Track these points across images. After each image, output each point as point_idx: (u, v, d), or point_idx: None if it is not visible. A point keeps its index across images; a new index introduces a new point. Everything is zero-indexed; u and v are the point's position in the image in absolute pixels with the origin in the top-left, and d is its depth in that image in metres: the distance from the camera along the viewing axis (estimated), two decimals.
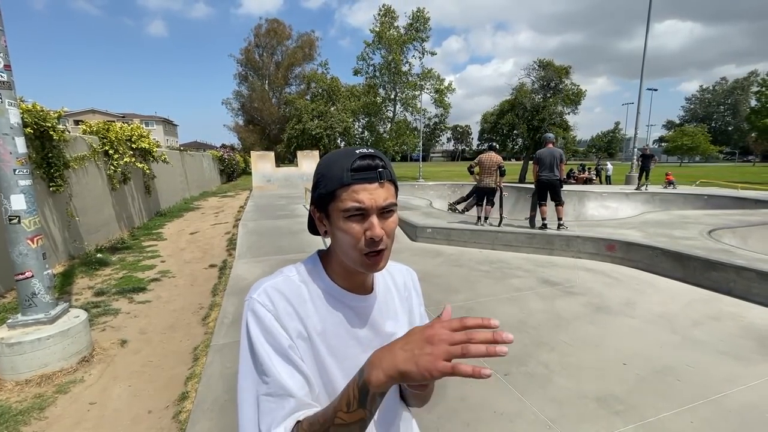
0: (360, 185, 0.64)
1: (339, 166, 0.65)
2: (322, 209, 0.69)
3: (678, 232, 5.98)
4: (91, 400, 2.59)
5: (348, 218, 0.64)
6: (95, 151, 6.78)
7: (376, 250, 0.65)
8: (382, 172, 0.65)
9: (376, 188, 0.65)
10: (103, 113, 48.54)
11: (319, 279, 0.72)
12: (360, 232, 0.64)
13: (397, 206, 0.69)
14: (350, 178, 0.64)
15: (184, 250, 6.81)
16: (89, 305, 4.09)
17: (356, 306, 0.73)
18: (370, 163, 0.65)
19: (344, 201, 0.64)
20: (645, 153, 14.80)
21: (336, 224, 0.66)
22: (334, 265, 0.73)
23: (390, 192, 0.67)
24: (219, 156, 25.60)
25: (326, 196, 0.67)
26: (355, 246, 0.65)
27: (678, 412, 2.29)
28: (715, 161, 69.01)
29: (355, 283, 0.74)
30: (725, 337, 3.22)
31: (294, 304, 0.67)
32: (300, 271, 0.73)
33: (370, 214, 0.64)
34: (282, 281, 0.69)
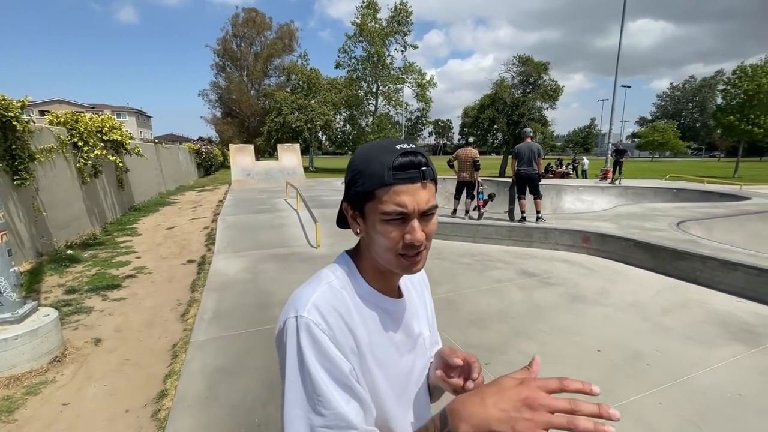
0: (402, 186, 0.58)
1: (379, 163, 0.59)
2: (357, 207, 0.64)
3: (649, 224, 6.23)
4: (64, 401, 2.50)
5: (387, 221, 0.60)
6: (63, 143, 6.47)
7: (413, 253, 0.61)
8: (425, 171, 0.60)
9: (419, 189, 0.59)
10: (70, 104, 46.35)
11: (356, 283, 0.67)
12: (399, 236, 0.60)
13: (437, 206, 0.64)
14: (392, 177, 0.58)
15: (160, 245, 6.62)
16: (60, 304, 3.94)
17: (392, 310, 0.70)
18: (413, 160, 0.59)
19: (384, 203, 0.59)
20: (618, 148, 15.29)
21: (373, 225, 0.62)
22: (366, 266, 0.69)
23: (432, 193, 0.62)
24: (196, 149, 24.87)
25: (364, 195, 0.61)
26: (392, 249, 0.61)
27: (648, 394, 2.41)
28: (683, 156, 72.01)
29: (388, 285, 0.71)
30: (691, 323, 3.39)
31: (345, 318, 0.61)
32: (338, 275, 0.67)
33: (412, 218, 0.59)
34: (328, 291, 0.63)
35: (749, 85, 24.01)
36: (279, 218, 7.97)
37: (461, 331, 3.28)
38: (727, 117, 25.34)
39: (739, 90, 24.88)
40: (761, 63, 24.20)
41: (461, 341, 3.10)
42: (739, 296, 3.96)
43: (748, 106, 24.39)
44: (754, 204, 8.63)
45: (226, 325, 3.38)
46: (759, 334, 3.18)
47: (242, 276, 4.62)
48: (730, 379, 2.55)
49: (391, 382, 0.67)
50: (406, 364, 0.71)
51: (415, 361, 0.73)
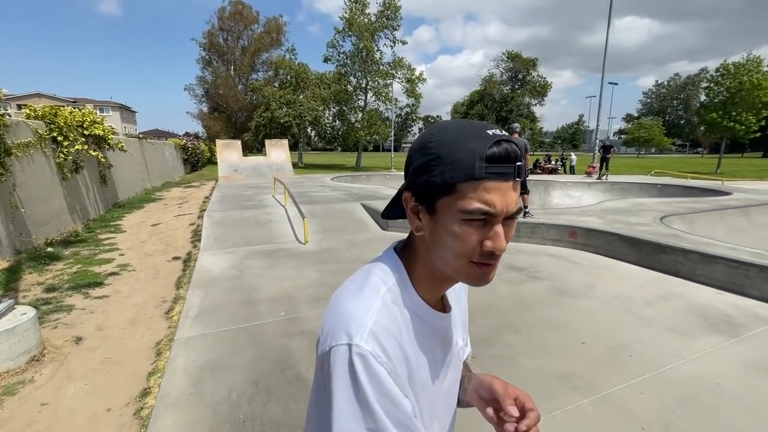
0: (494, 183, 0.49)
1: (468, 150, 0.49)
2: (426, 200, 0.53)
3: (634, 219, 6.33)
4: (43, 401, 2.44)
5: (467, 221, 0.50)
6: (41, 138, 6.29)
7: (491, 262, 0.52)
8: (520, 167, 0.50)
9: (510, 188, 0.50)
10: (50, 97, 45.06)
11: (407, 296, 0.57)
12: (476, 241, 0.51)
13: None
14: (483, 171, 0.48)
15: (145, 242, 6.50)
16: (39, 302, 3.83)
17: (439, 326, 0.62)
18: (509, 151, 0.49)
19: (468, 200, 0.49)
20: (605, 144, 15.51)
21: (445, 224, 0.52)
22: (420, 271, 0.59)
23: (518, 192, 0.52)
24: (182, 145, 24.46)
25: (441, 187, 0.51)
26: (465, 255, 0.52)
27: (630, 384, 2.45)
28: (668, 153, 73.48)
29: (438, 295, 0.62)
30: (672, 315, 3.46)
31: (400, 343, 0.53)
32: (388, 284, 0.57)
33: (497, 222, 0.50)
34: (384, 312, 0.53)
35: (731, 83, 24.55)
36: (266, 214, 7.89)
37: None
38: (710, 114, 25.89)
39: (721, 87, 25.43)
40: (743, 61, 24.75)
41: None
42: (719, 288, 4.06)
43: (731, 104, 24.95)
44: (735, 199, 8.85)
45: (211, 322, 3.34)
46: (737, 325, 3.27)
47: (229, 272, 4.57)
48: (709, 369, 2.62)
49: (429, 403, 0.60)
50: (443, 382, 0.65)
51: (448, 374, 0.67)
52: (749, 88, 23.92)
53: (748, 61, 24.62)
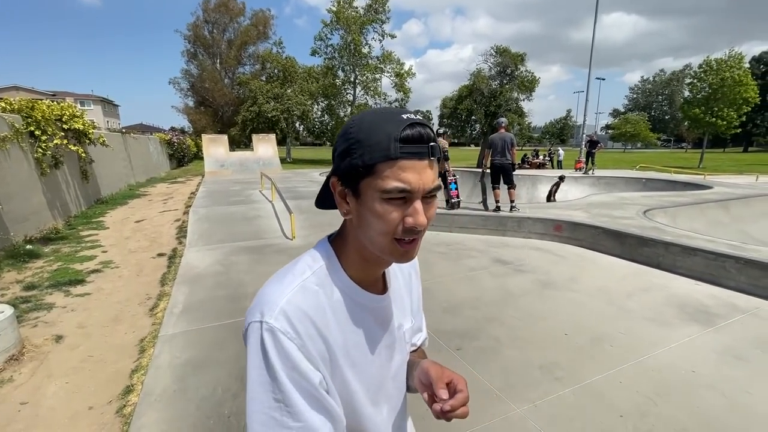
0: (409, 161, 0.52)
1: (383, 133, 0.52)
2: (350, 183, 0.56)
3: (618, 213, 6.45)
4: (22, 400, 2.39)
5: (387, 200, 0.53)
6: (18, 132, 6.09)
7: (411, 238, 0.55)
8: (433, 147, 0.54)
9: (426, 167, 0.53)
10: (28, 90, 43.64)
11: (336, 278, 0.61)
12: (398, 218, 0.54)
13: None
14: (398, 151, 0.51)
15: (128, 239, 6.38)
16: (18, 300, 3.74)
17: (374, 307, 0.64)
18: (422, 133, 0.53)
19: (386, 179, 0.52)
20: (592, 139, 15.73)
21: (368, 204, 0.54)
22: (350, 254, 0.62)
23: (436, 172, 0.55)
24: (167, 139, 23.97)
25: (362, 169, 0.53)
26: (388, 233, 0.55)
27: (610, 374, 2.51)
28: (653, 147, 74.82)
29: (373, 277, 0.65)
30: (652, 306, 3.55)
31: (317, 323, 0.56)
32: (315, 269, 0.60)
33: (415, 199, 0.53)
34: (300, 293, 0.56)
35: (714, 79, 25.08)
36: (253, 210, 7.82)
37: (435, 318, 3.32)
38: (693, 110, 26.44)
39: (704, 83, 25.96)
40: (726, 57, 25.27)
41: (434, 328, 3.14)
42: (697, 280, 4.17)
43: (713, 99, 25.51)
44: (716, 193, 9.08)
45: (196, 318, 3.31)
46: (714, 315, 3.37)
47: (214, 269, 4.52)
48: (686, 357, 2.70)
49: (367, 384, 0.63)
50: (383, 362, 0.67)
51: (394, 356, 0.69)
52: (731, 84, 24.48)
53: (730, 58, 25.17)
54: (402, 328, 0.71)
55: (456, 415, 0.59)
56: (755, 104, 25.97)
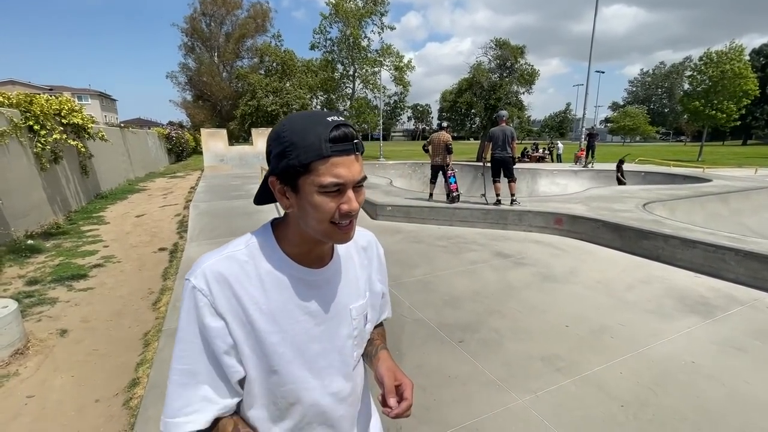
0: (339, 158, 0.60)
1: (315, 135, 0.59)
2: (288, 182, 0.63)
3: (617, 206, 6.47)
4: (29, 394, 2.42)
5: (324, 193, 0.61)
6: (17, 127, 6.06)
7: (346, 222, 0.64)
8: (357, 143, 0.63)
9: (353, 161, 0.62)
10: (25, 85, 43.24)
11: (269, 252, 0.69)
12: (334, 207, 0.62)
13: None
14: (329, 150, 0.59)
15: (129, 233, 6.38)
16: (21, 295, 3.76)
17: (310, 279, 0.71)
18: (346, 132, 0.61)
19: (322, 175, 0.60)
20: (591, 132, 15.72)
21: (307, 198, 0.62)
22: (291, 235, 0.69)
23: (361, 164, 0.65)
24: (166, 134, 23.87)
25: (298, 168, 0.61)
26: (326, 220, 0.63)
27: (610, 365, 2.54)
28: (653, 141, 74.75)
29: (313, 255, 0.71)
30: (652, 298, 3.58)
31: (234, 287, 0.64)
32: (250, 244, 0.69)
33: (347, 189, 0.62)
34: (224, 260, 0.66)
35: (714, 72, 24.97)
36: (253, 204, 7.81)
37: (436, 311, 3.35)
38: (693, 102, 26.35)
39: (704, 76, 25.85)
40: (726, 50, 25.14)
41: (436, 321, 3.16)
42: (697, 272, 4.20)
43: (713, 92, 25.42)
44: (715, 186, 9.09)
45: None
46: (713, 306, 3.40)
47: None
48: (685, 349, 2.73)
49: (299, 350, 0.69)
50: (321, 333, 0.72)
51: (338, 330, 0.74)
52: (731, 76, 24.38)
53: (730, 50, 25.03)
54: (349, 304, 0.76)
55: (402, 416, 0.73)
56: (755, 97, 25.91)
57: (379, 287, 0.87)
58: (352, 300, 0.77)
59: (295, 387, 0.70)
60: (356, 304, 0.77)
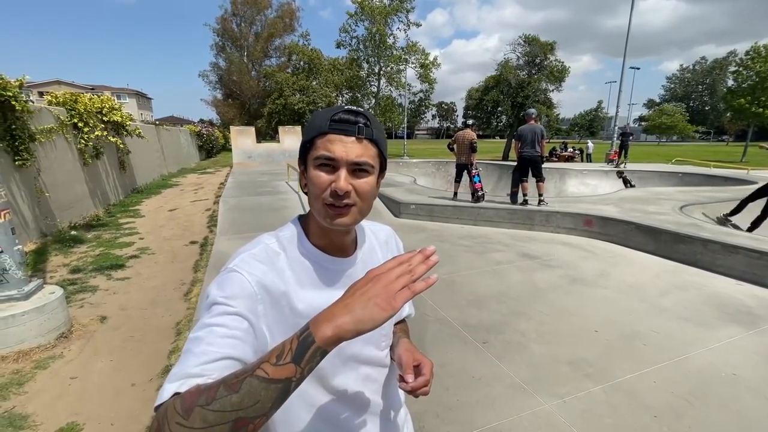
0: (336, 135, 0.64)
1: (323, 117, 0.65)
2: (303, 160, 0.69)
3: (652, 208, 6.19)
4: (72, 375, 2.57)
5: (317, 167, 0.65)
6: (63, 124, 6.44)
7: (339, 204, 0.64)
8: (361, 127, 0.64)
9: (353, 142, 0.64)
10: (69, 84, 45.77)
11: (298, 243, 0.72)
12: (326, 183, 0.64)
13: (375, 170, 0.67)
14: (328, 127, 0.64)
15: (163, 227, 6.66)
16: (65, 282, 4.00)
17: (336, 268, 0.73)
18: (351, 117, 0.64)
19: (317, 149, 0.64)
20: (624, 132, 15.10)
21: (309, 173, 0.67)
22: (312, 225, 0.72)
23: (368, 151, 0.65)
24: (197, 131, 24.71)
25: (306, 144, 0.67)
26: (319, 196, 0.65)
27: (643, 373, 2.45)
28: (691, 140, 70.94)
29: (335, 244, 0.73)
30: (689, 305, 3.41)
31: (268, 275, 0.66)
32: (279, 237, 0.72)
33: (340, 167, 0.64)
34: (259, 253, 0.68)
35: (762, 67, 23.41)
36: (280, 200, 7.98)
37: (460, 311, 3.32)
38: (738, 99, 24.82)
39: (751, 72, 24.27)
40: None
41: (460, 321, 3.14)
42: (738, 279, 3.97)
43: (760, 89, 23.84)
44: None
45: None
46: (757, 316, 3.20)
47: None
48: (726, 360, 2.59)
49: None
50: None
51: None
52: None
53: None
54: None
55: (419, 393, 0.72)
56: None
57: None
58: None
59: (323, 375, 0.71)
60: None
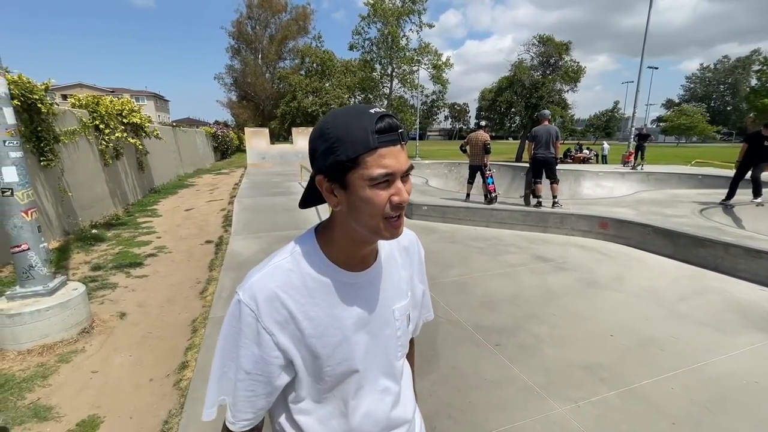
0: (386, 149, 0.59)
1: (360, 128, 0.58)
2: (337, 179, 0.62)
3: (670, 211, 6.05)
4: (93, 369, 2.66)
5: (374, 186, 0.60)
6: (85, 126, 6.64)
7: (398, 215, 0.63)
8: (402, 133, 0.62)
9: (400, 151, 0.61)
10: (91, 87, 47.12)
11: (314, 259, 0.69)
12: (385, 199, 0.61)
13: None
14: (376, 141, 0.58)
15: (179, 226, 6.80)
16: (87, 279, 4.12)
17: (354, 282, 0.71)
18: (391, 123, 0.60)
19: (370, 168, 0.59)
20: (641, 133, 14.78)
21: (357, 193, 0.61)
22: (336, 238, 0.69)
23: (406, 153, 0.63)
24: (212, 132, 25.15)
25: (348, 162, 0.59)
26: (379, 214, 0.61)
27: (660, 379, 2.40)
28: (712, 141, 68.99)
29: (358, 257, 0.71)
30: (709, 311, 3.32)
31: (280, 297, 0.65)
32: (294, 252, 0.69)
33: (396, 179, 0.61)
34: (270, 272, 0.67)
35: None
36: (293, 201, 8.06)
37: (472, 313, 3.30)
38: (762, 99, 24.10)
39: None
40: None
41: (472, 323, 3.12)
42: (762, 285, 3.85)
43: None
44: None
45: None
46: None
47: (258, 256, 4.73)
48: (748, 367, 2.52)
49: (344, 351, 0.69)
50: (366, 334, 0.72)
51: (382, 331, 0.75)
52: None
53: None
54: (392, 305, 0.76)
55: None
56: None
57: (420, 287, 0.87)
58: (395, 301, 0.77)
59: (343, 389, 0.72)
60: (399, 304, 0.77)
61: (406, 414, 0.83)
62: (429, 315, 0.95)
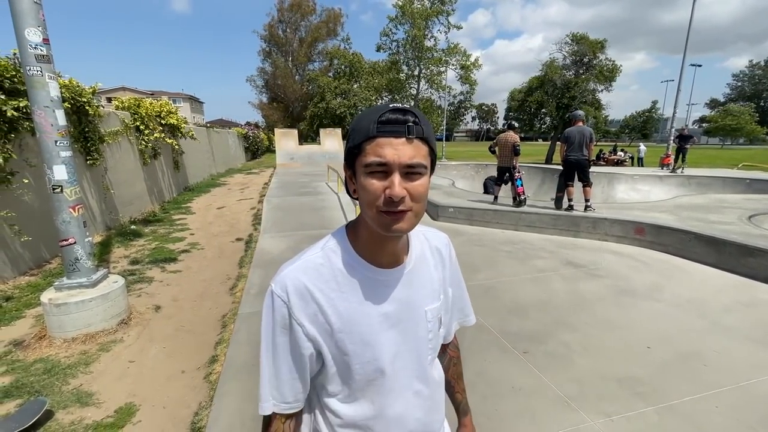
0: (385, 138, 0.60)
1: (368, 119, 0.61)
2: (350, 165, 0.66)
3: (714, 217, 5.70)
4: (130, 359, 2.79)
5: (369, 174, 0.61)
6: (127, 127, 7.01)
7: (394, 210, 0.60)
8: (411, 127, 0.60)
9: (403, 144, 0.60)
10: (133, 90, 49.66)
11: (344, 254, 0.70)
12: (380, 189, 0.60)
13: (428, 170, 0.64)
14: (375, 130, 0.60)
15: (211, 224, 7.05)
16: (125, 273, 4.34)
17: (383, 279, 0.71)
18: (399, 116, 0.60)
19: (367, 155, 0.60)
20: (682, 134, 14.02)
21: (360, 180, 0.63)
22: (362, 233, 0.70)
23: (420, 152, 0.61)
24: (243, 133, 25.92)
25: (353, 149, 0.63)
26: (372, 204, 0.61)
27: (703, 396, 2.26)
28: (761, 143, 64.50)
29: (385, 252, 0.70)
30: (758, 325, 3.10)
31: (311, 291, 0.67)
32: (325, 247, 0.71)
33: (393, 171, 0.60)
34: (301, 266, 0.68)
35: None
36: (320, 201, 8.18)
37: (500, 318, 3.23)
38: None
39: None
40: None
41: (499, 328, 3.05)
42: None
43: None
44: None
45: None
46: None
47: (286, 255, 4.82)
48: None
49: (373, 349, 0.69)
50: (397, 333, 0.71)
51: (414, 332, 0.74)
52: None
53: None
54: (424, 306, 0.75)
55: None
56: None
57: (451, 290, 0.85)
58: (427, 302, 0.76)
59: (372, 387, 0.71)
60: (431, 306, 0.76)
61: (437, 419, 0.81)
62: (466, 320, 0.93)
